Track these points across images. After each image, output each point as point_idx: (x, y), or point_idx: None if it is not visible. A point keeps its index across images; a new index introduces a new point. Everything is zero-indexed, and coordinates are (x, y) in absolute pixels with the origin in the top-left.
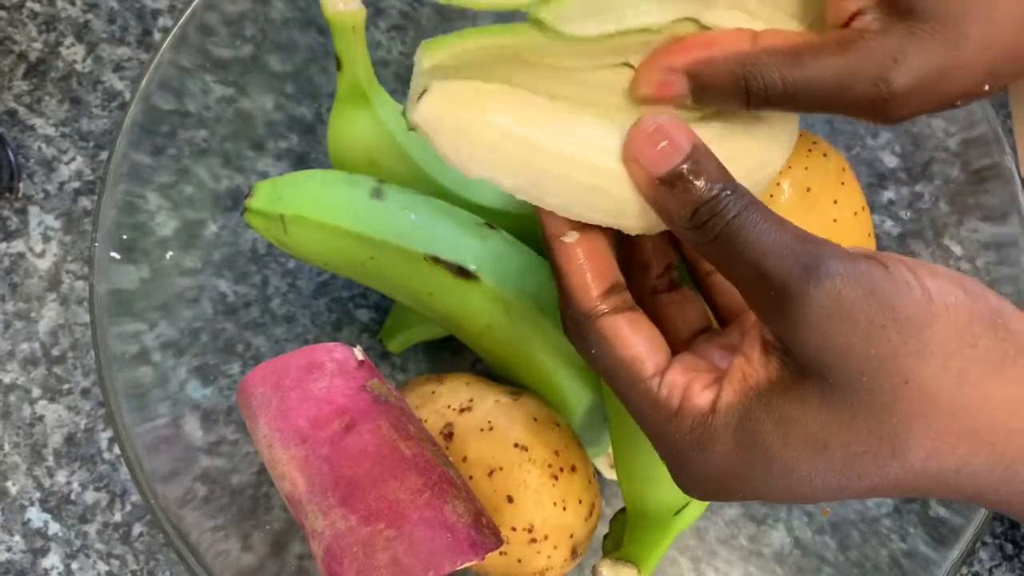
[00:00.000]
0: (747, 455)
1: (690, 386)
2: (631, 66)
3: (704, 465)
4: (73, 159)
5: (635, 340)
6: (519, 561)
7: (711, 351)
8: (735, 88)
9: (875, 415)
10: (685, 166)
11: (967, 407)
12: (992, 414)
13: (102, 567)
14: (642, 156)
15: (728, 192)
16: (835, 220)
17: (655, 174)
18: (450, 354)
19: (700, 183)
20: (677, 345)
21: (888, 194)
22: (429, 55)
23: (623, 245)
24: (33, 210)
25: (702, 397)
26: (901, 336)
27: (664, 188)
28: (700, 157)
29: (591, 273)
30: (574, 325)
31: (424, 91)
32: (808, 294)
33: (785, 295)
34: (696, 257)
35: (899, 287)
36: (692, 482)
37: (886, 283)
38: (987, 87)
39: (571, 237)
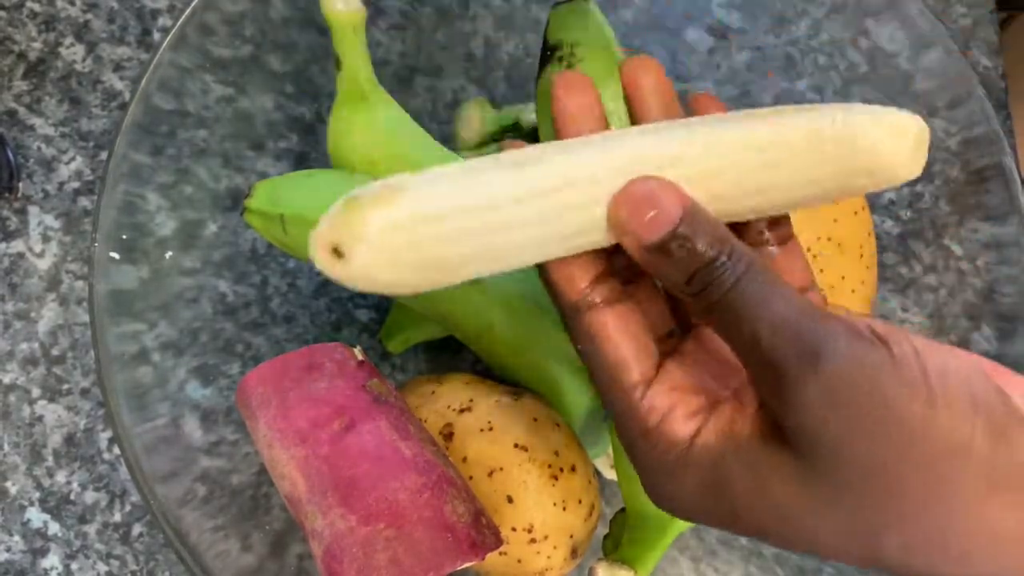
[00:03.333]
0: (713, 500)
1: (673, 409)
2: None
3: (669, 489)
4: (73, 159)
5: (622, 341)
6: (519, 561)
7: (703, 365)
8: (689, 275)
9: (856, 512)
10: (677, 232)
11: (951, 528)
12: (973, 539)
13: (102, 567)
14: (630, 225)
15: (725, 258)
16: (835, 220)
17: (645, 243)
18: (450, 354)
19: (694, 248)
20: (663, 341)
21: (888, 194)
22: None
23: None
24: (33, 210)
25: (683, 427)
26: (899, 444)
27: (656, 255)
28: (693, 221)
29: (576, 261)
30: (563, 316)
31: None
32: (806, 381)
33: (783, 376)
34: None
35: (903, 386)
36: (656, 499)
37: (890, 380)
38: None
39: None
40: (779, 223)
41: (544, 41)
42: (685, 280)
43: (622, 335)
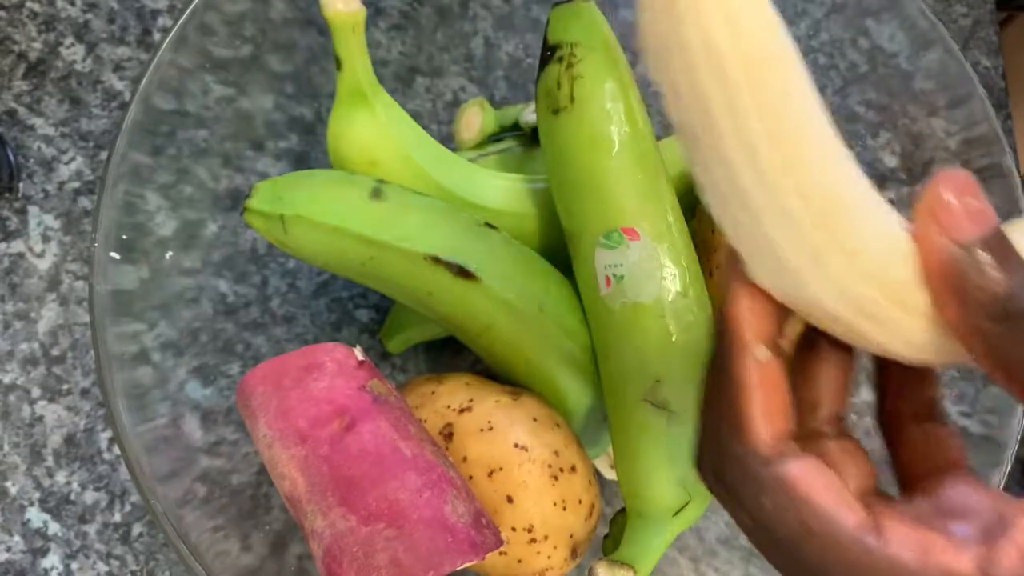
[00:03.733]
0: None
1: (934, 543)
2: None
3: None
4: (73, 159)
5: (834, 488)
6: (519, 561)
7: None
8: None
9: None
10: (996, 233)
11: None
12: None
13: (102, 567)
14: (945, 213)
15: None
16: None
17: (960, 239)
18: (450, 354)
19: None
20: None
21: (888, 194)
22: None
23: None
24: (33, 210)
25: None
26: None
27: (966, 257)
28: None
29: (776, 407)
30: (738, 465)
31: None
32: None
33: None
34: (897, 406)
35: None
36: None
37: None
38: None
39: (764, 354)
40: None
41: (544, 41)
42: (1000, 298)
43: (829, 481)
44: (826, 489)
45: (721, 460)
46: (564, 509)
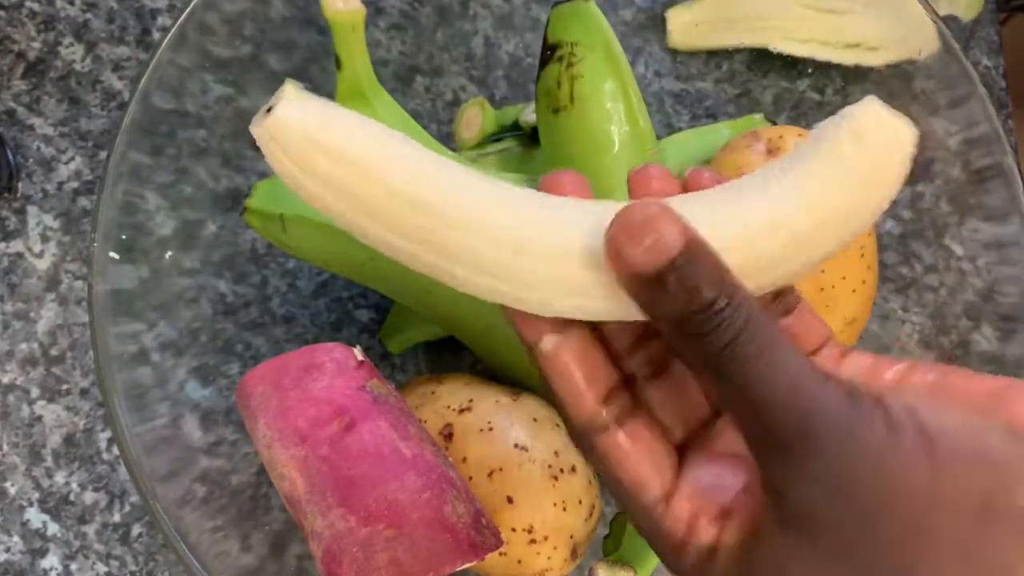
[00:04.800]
0: None
1: (696, 518)
2: None
3: None
4: (72, 159)
5: (637, 460)
6: (519, 562)
7: (717, 464)
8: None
9: None
10: (676, 264)
11: None
12: None
13: (101, 568)
14: (625, 249)
15: (723, 304)
16: None
17: (637, 272)
18: (450, 354)
19: (693, 287)
20: (677, 448)
21: None
22: None
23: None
24: (32, 210)
25: (706, 533)
26: (905, 520)
27: (650, 288)
28: (695, 255)
29: (583, 381)
30: (574, 438)
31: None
32: (802, 462)
33: (783, 450)
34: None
35: (901, 456)
36: None
37: (888, 452)
38: None
39: (549, 343)
40: (783, 293)
41: (544, 40)
42: (675, 321)
43: (636, 451)
44: (631, 460)
45: (568, 431)
46: (564, 510)
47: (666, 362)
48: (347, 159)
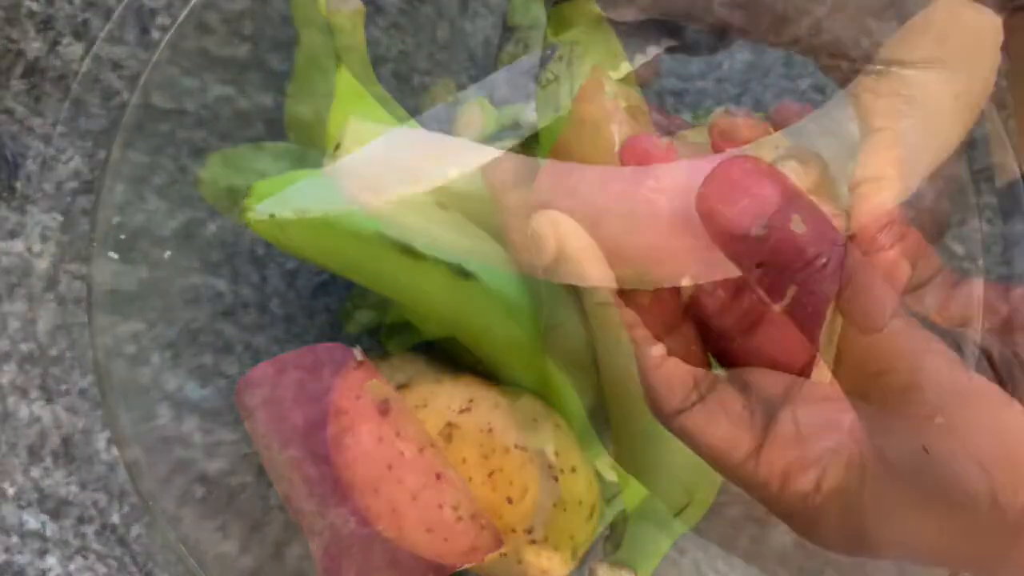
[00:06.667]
0: (855, 537)
1: (790, 468)
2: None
3: (817, 537)
4: (71, 158)
5: (721, 425)
6: (519, 562)
7: (814, 410)
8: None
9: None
10: (771, 223)
11: None
12: None
13: (100, 568)
14: (718, 208)
15: (825, 260)
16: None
17: (733, 230)
18: (450, 354)
19: (793, 242)
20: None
21: None
22: None
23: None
24: (31, 209)
25: (804, 481)
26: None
27: (744, 244)
28: (794, 208)
29: (680, 377)
30: (662, 421)
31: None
32: (904, 411)
33: (881, 405)
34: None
35: (1007, 407)
36: (816, 542)
37: (998, 404)
38: None
39: (660, 350)
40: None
41: (544, 40)
42: (771, 278)
43: (722, 416)
44: (715, 427)
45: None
46: (564, 510)
47: (759, 317)
48: None
